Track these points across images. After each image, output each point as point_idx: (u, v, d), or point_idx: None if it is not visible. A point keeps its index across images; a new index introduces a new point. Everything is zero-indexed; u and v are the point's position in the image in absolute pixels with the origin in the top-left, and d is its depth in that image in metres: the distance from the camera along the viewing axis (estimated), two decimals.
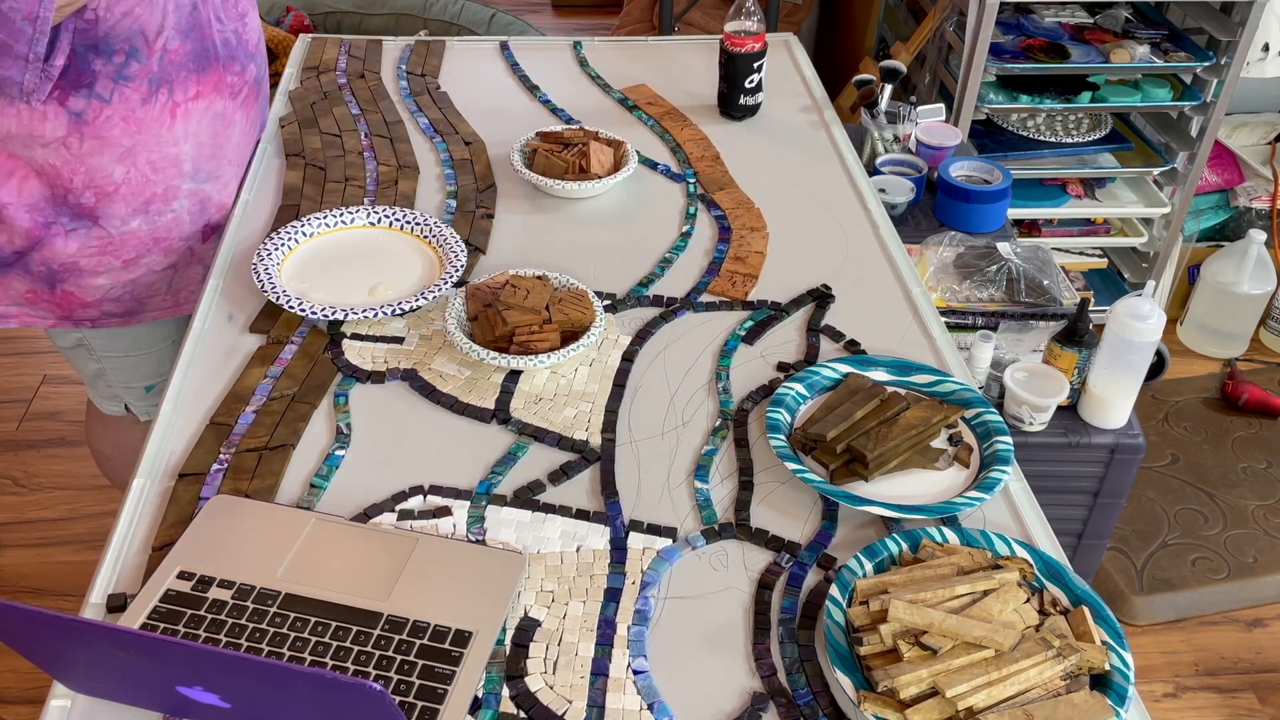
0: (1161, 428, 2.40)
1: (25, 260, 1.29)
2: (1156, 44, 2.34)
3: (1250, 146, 2.75)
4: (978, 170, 1.90)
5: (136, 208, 1.30)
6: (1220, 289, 2.57)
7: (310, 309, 1.17)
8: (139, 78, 1.22)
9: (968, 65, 2.24)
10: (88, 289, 1.34)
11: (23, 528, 2.15)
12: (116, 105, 1.22)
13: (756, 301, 1.25)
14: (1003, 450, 1.01)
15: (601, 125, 1.59)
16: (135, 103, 1.23)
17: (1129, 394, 1.53)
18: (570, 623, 0.88)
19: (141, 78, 1.23)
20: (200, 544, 0.92)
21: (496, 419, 1.08)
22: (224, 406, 1.07)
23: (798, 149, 1.56)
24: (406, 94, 1.66)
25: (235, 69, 1.35)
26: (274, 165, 1.47)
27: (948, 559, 0.88)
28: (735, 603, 0.90)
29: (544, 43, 1.87)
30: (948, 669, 0.79)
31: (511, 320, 1.13)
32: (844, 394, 1.07)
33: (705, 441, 1.06)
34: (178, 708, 0.77)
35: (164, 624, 0.85)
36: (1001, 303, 1.70)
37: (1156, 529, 2.15)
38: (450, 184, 1.45)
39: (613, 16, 4.13)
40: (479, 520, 0.97)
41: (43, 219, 1.26)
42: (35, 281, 1.31)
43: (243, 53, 1.37)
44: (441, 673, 0.82)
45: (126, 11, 1.18)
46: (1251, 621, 2.02)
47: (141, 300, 1.40)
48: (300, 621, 0.85)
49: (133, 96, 1.23)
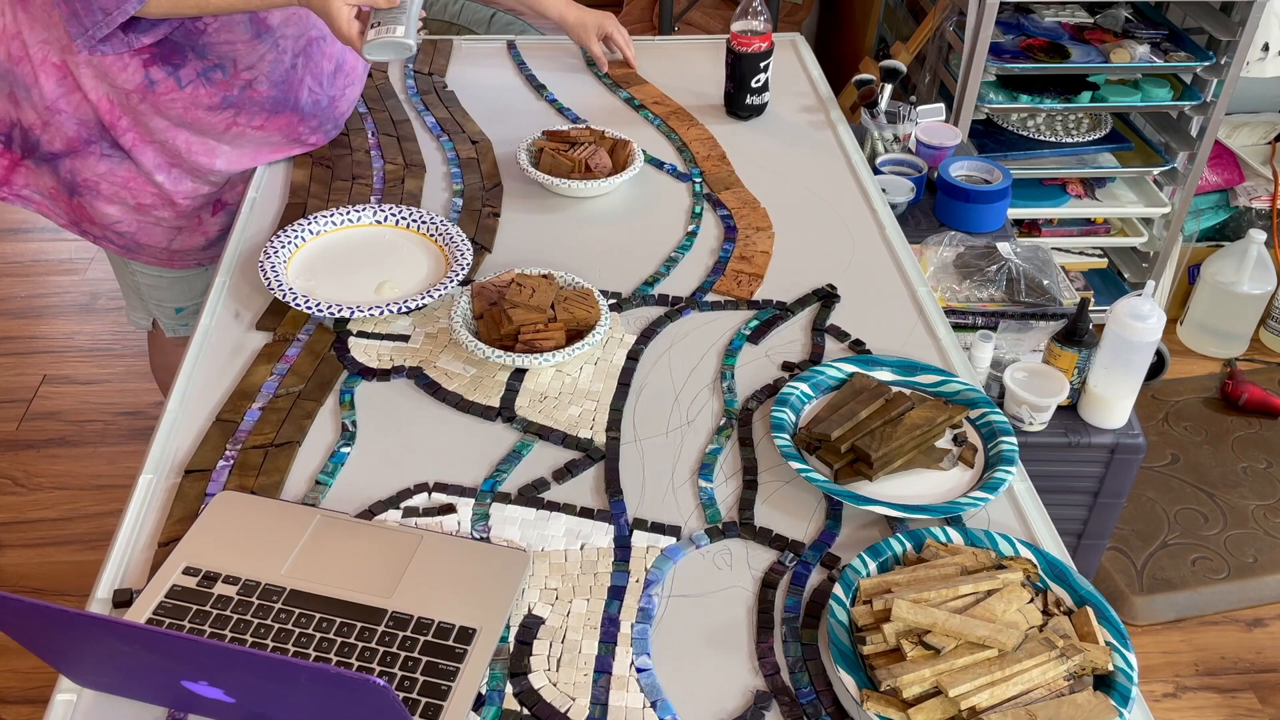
0: (1161, 428, 2.41)
1: (58, 162, 1.39)
2: (1156, 44, 2.34)
3: (1250, 146, 2.76)
4: (978, 170, 1.90)
5: (162, 164, 1.40)
6: (1220, 289, 2.58)
7: (316, 307, 1.17)
8: (217, 87, 1.34)
9: (968, 65, 2.24)
10: (99, 212, 1.44)
11: (23, 528, 2.15)
12: (187, 94, 1.33)
13: (762, 301, 1.25)
14: (1007, 451, 1.02)
15: (608, 125, 1.60)
16: (204, 105, 1.34)
17: (1129, 394, 1.54)
18: (574, 620, 0.88)
19: (220, 89, 1.34)
20: (206, 540, 0.92)
21: (501, 417, 1.08)
22: (230, 403, 1.07)
23: (804, 149, 1.56)
24: (414, 93, 1.67)
25: (313, 124, 1.45)
26: (281, 163, 1.48)
27: (951, 559, 0.89)
28: (739, 601, 0.90)
29: (551, 42, 1.87)
30: (951, 668, 0.79)
31: (517, 319, 1.14)
32: (849, 394, 1.07)
33: (710, 440, 1.06)
34: (182, 702, 0.78)
35: (169, 619, 0.85)
36: (1001, 303, 1.70)
37: (1156, 529, 2.15)
38: (457, 183, 1.45)
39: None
40: (483, 518, 0.97)
41: (87, 134, 1.36)
42: (60, 183, 1.42)
43: (328, 119, 1.48)
44: (445, 669, 0.82)
45: (229, 41, 1.31)
46: (1251, 621, 2.03)
47: (141, 244, 1.50)
48: (305, 617, 0.85)
49: (204, 99, 1.34)
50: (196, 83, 1.32)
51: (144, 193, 1.42)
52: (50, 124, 1.35)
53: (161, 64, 1.30)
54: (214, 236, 1.52)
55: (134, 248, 1.51)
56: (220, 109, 1.35)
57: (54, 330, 2.67)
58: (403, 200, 1.40)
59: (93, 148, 1.37)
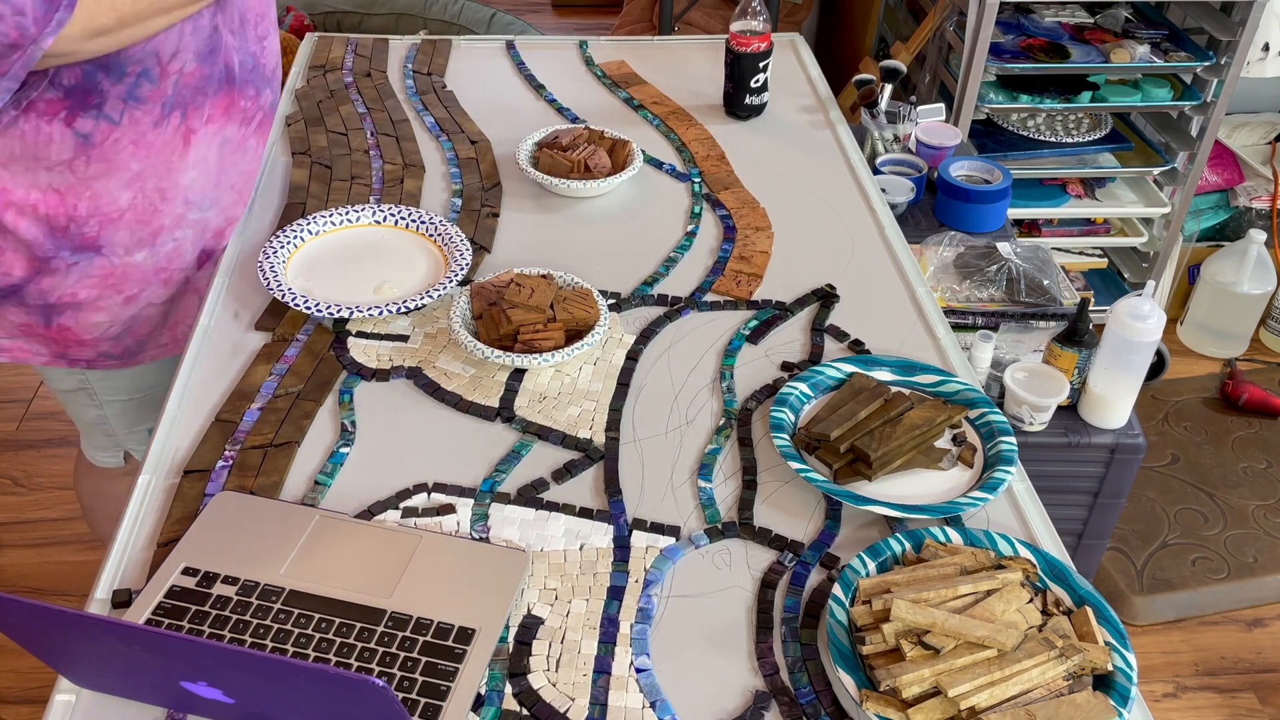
0: (1161, 428, 2.41)
1: (21, 292, 1.23)
2: (1156, 44, 2.34)
3: (1250, 146, 2.76)
4: (978, 170, 1.90)
5: (142, 238, 1.24)
6: (1220, 289, 2.58)
7: (316, 307, 1.17)
8: (151, 99, 1.16)
9: (968, 65, 2.24)
10: (85, 325, 1.28)
11: (23, 528, 2.15)
12: (126, 127, 1.16)
13: (761, 301, 1.25)
14: (1006, 450, 1.02)
15: (607, 124, 1.60)
16: (146, 126, 1.17)
17: (1129, 394, 1.54)
18: (573, 620, 0.88)
19: (154, 100, 1.16)
20: (205, 540, 0.92)
21: (500, 417, 1.08)
22: (229, 404, 1.07)
23: (803, 149, 1.56)
24: (412, 93, 1.67)
25: (250, 93, 1.29)
26: (280, 163, 1.48)
27: (951, 559, 0.89)
28: (738, 601, 0.90)
29: (550, 42, 1.87)
30: (950, 668, 0.79)
31: (516, 319, 1.14)
32: (848, 394, 1.07)
33: (709, 440, 1.06)
34: (182, 703, 0.78)
35: (168, 619, 0.85)
36: (1001, 303, 1.70)
37: (1156, 529, 2.15)
38: (456, 183, 1.45)
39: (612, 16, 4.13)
40: (483, 518, 0.97)
41: (42, 253, 1.19)
42: (31, 314, 1.25)
43: (259, 77, 1.31)
44: (444, 670, 0.82)
45: None
46: (1251, 621, 2.03)
47: (139, 339, 1.34)
48: (304, 618, 0.85)
49: (144, 119, 1.16)
50: (128, 107, 1.14)
51: (127, 280, 1.26)
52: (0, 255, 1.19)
53: (82, 112, 1.12)
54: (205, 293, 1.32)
55: (134, 349, 1.34)
56: (163, 120, 1.18)
57: None
58: (402, 200, 1.40)
59: (55, 263, 1.20)
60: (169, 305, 1.34)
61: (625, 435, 1.06)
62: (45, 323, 1.26)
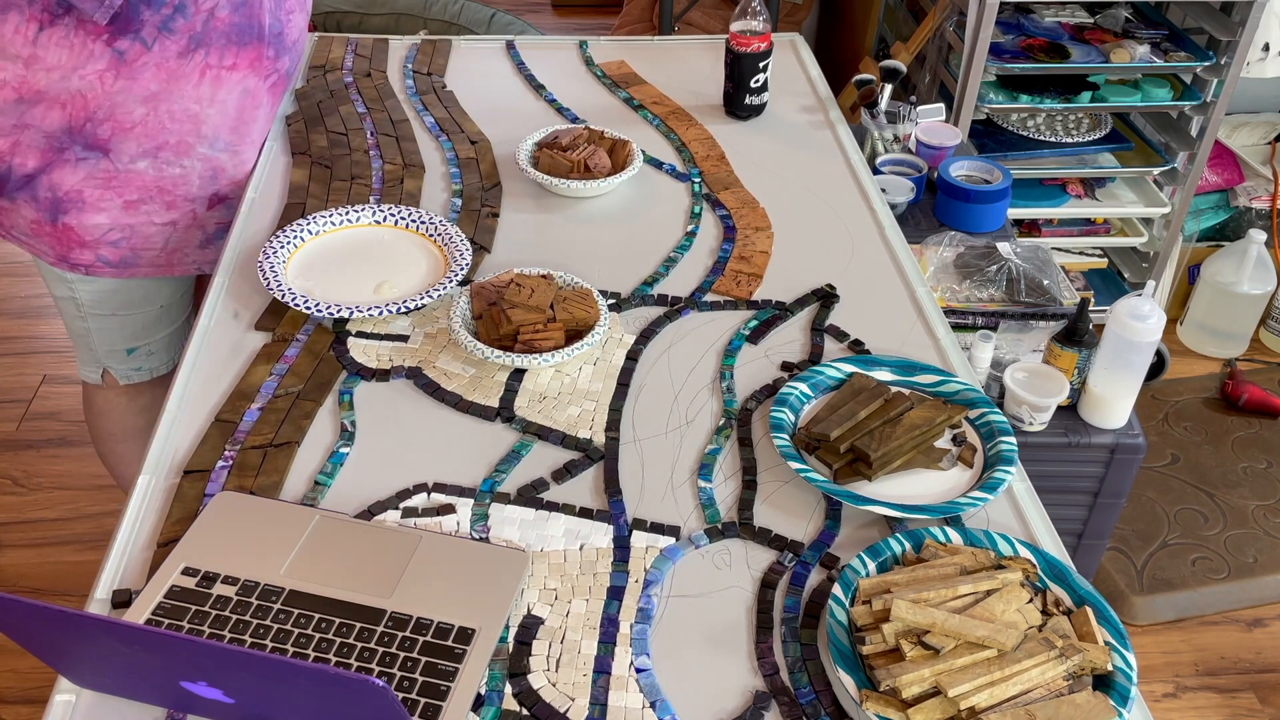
0: (1161, 428, 2.41)
1: (34, 185, 1.37)
2: (1156, 44, 2.34)
3: (1250, 146, 2.76)
4: (978, 170, 1.90)
5: (147, 150, 1.37)
6: (1220, 289, 2.58)
7: (315, 307, 1.17)
8: (181, 32, 1.32)
9: (968, 65, 2.24)
10: (88, 226, 1.40)
11: (23, 528, 2.15)
12: (155, 52, 1.31)
13: (761, 301, 1.25)
14: (1006, 450, 1.02)
15: (607, 124, 1.60)
16: (172, 54, 1.32)
17: (1129, 394, 1.54)
18: (573, 620, 0.88)
19: (184, 33, 1.32)
20: (205, 540, 0.92)
21: (500, 417, 1.08)
22: (229, 404, 1.07)
23: (803, 149, 1.57)
24: (412, 93, 1.67)
25: (271, 53, 1.43)
26: (280, 163, 1.48)
27: (951, 559, 0.89)
28: (738, 601, 0.90)
29: (550, 42, 1.87)
30: (950, 668, 0.79)
31: (516, 319, 1.14)
32: (848, 394, 1.07)
33: (709, 440, 1.06)
34: (182, 703, 0.78)
35: (168, 620, 0.85)
36: (1001, 303, 1.70)
37: (1156, 529, 2.15)
38: (456, 183, 1.45)
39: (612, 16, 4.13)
40: (483, 518, 0.97)
41: (57, 144, 1.34)
42: (40, 210, 1.39)
43: (282, 44, 1.45)
44: (444, 670, 0.82)
45: None
46: (1251, 621, 2.03)
47: (136, 251, 1.45)
48: (304, 618, 0.85)
49: (171, 48, 1.32)
50: (161, 37, 1.31)
51: (129, 185, 1.39)
52: (20, 142, 1.33)
53: (123, 35, 1.29)
54: (212, 233, 1.50)
55: (130, 259, 1.46)
56: (189, 53, 1.33)
57: (54, 330, 2.67)
58: (402, 200, 1.40)
59: (67, 154, 1.35)
60: (170, 229, 1.46)
61: (625, 435, 1.06)
62: (52, 220, 1.40)
